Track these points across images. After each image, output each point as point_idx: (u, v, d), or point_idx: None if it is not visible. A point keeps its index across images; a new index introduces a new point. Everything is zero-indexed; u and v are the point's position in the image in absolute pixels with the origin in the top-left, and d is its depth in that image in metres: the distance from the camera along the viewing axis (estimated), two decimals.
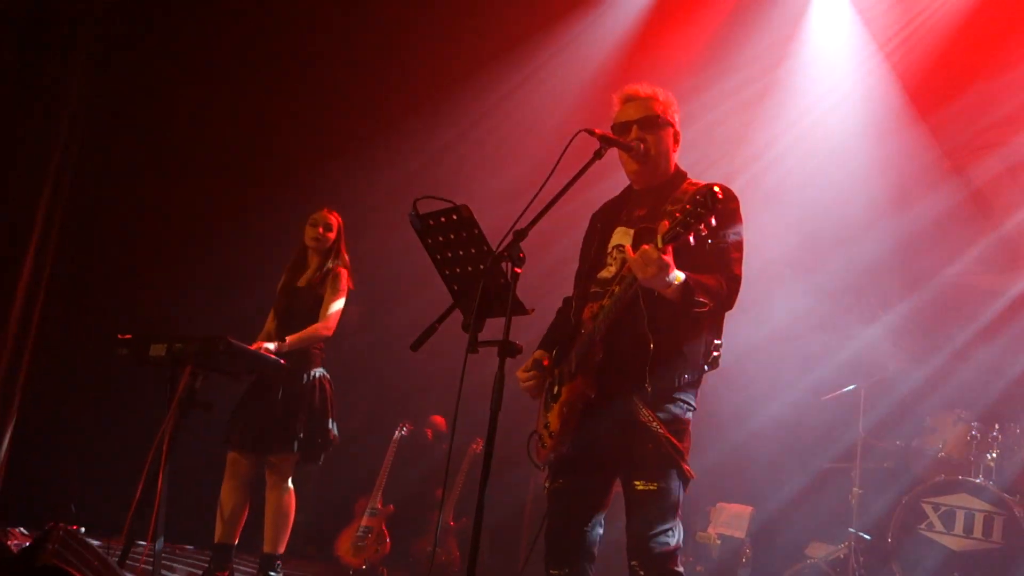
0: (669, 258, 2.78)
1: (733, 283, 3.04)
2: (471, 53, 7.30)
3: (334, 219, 5.29)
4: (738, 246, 3.10)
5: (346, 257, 5.31)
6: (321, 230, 5.24)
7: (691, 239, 2.73)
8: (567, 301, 3.43)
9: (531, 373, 3.25)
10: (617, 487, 3.14)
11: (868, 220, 6.62)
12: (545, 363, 3.25)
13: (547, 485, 3.21)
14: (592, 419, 3.03)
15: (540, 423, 3.21)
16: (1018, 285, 6.47)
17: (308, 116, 7.30)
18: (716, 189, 2.71)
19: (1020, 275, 6.53)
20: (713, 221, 2.72)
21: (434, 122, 7.33)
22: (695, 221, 2.69)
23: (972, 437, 5.71)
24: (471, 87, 7.33)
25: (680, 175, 3.29)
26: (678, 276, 2.83)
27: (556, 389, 3.16)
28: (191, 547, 6.36)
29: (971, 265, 6.75)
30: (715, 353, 3.11)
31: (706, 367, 3.11)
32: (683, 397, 3.05)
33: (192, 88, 6.99)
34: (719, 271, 3.01)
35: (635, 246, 3.05)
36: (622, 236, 3.22)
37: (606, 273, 3.19)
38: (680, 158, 3.36)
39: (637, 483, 2.98)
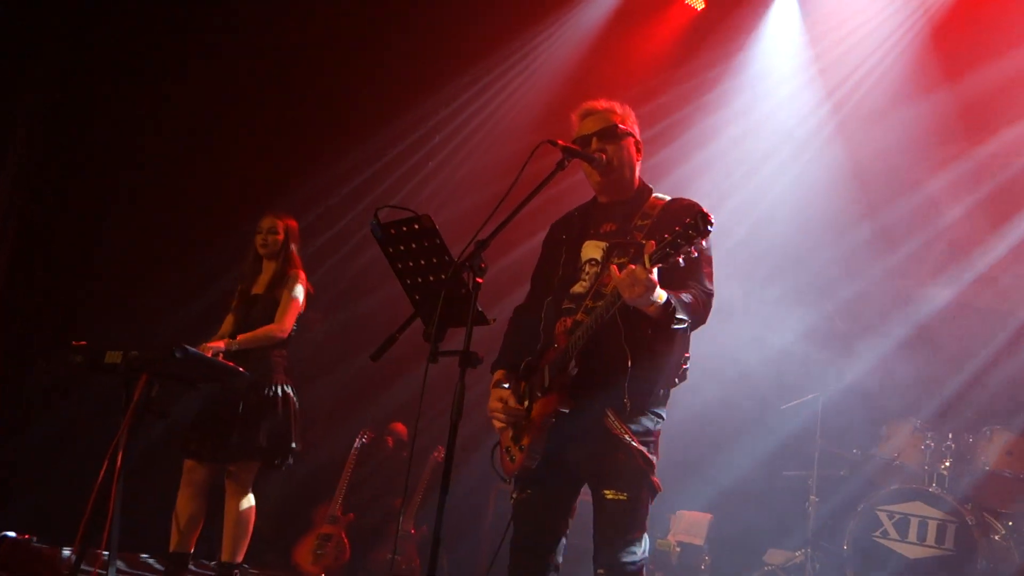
0: (655, 278, 2.79)
1: (707, 298, 3.07)
2: (436, 62, 7.31)
3: (280, 223, 5.23)
4: (708, 261, 3.13)
5: (297, 260, 5.25)
6: (267, 235, 5.20)
7: (680, 261, 2.75)
8: (519, 310, 3.43)
9: (503, 410, 3.17)
10: (584, 496, 3.16)
11: (823, 226, 6.73)
12: (505, 385, 3.23)
13: (514, 496, 3.20)
14: (562, 431, 3.03)
15: (507, 437, 3.19)
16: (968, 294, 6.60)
17: (271, 123, 7.24)
18: (707, 213, 2.72)
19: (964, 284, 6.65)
20: (704, 244, 2.76)
21: (398, 132, 7.33)
22: (685, 243, 2.71)
23: (927, 446, 5.81)
24: (434, 96, 7.35)
25: (645, 189, 3.31)
26: (661, 295, 2.84)
27: (526, 403, 3.14)
28: (146, 555, 6.26)
29: (921, 276, 6.88)
30: (685, 367, 3.16)
31: (677, 380, 3.16)
32: (655, 410, 3.08)
33: (154, 93, 6.90)
34: (692, 286, 3.03)
35: (606, 260, 3.08)
36: (593, 250, 3.21)
37: (579, 288, 3.17)
38: (644, 164, 3.38)
39: (607, 492, 3.00)
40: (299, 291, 5.13)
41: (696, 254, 2.77)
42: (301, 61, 7.19)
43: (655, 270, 2.78)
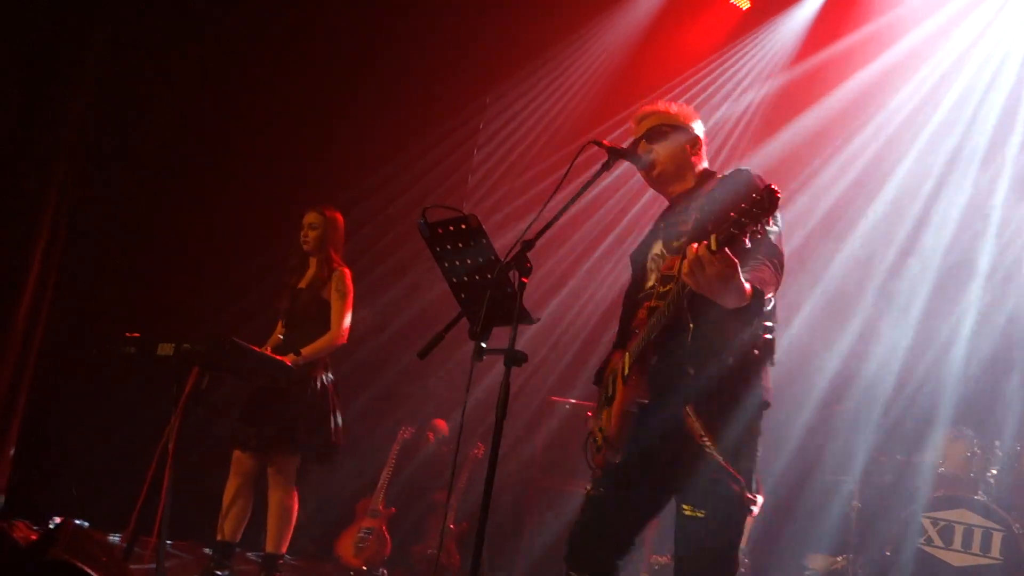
0: (727, 260, 2.50)
1: (779, 260, 2.86)
2: (483, 66, 7.37)
3: (320, 217, 5.28)
4: (779, 237, 2.91)
5: (339, 255, 5.29)
6: (307, 231, 5.27)
7: (747, 241, 2.49)
8: (627, 293, 3.28)
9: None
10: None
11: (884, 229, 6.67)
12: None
13: (588, 489, 3.06)
14: (645, 428, 2.86)
15: (594, 425, 3.07)
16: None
17: (321, 119, 7.34)
18: (774, 187, 2.48)
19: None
20: (771, 222, 2.55)
21: (447, 131, 7.39)
22: (750, 221, 2.46)
23: (972, 453, 5.73)
24: (483, 95, 7.41)
25: (707, 174, 3.22)
26: (746, 288, 2.61)
27: (610, 391, 3.02)
28: (195, 544, 6.40)
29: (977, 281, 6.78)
30: (766, 336, 2.84)
31: (756, 352, 2.84)
32: (735, 391, 2.80)
33: (201, 89, 7.03)
34: (761, 253, 2.78)
35: (667, 245, 3.02)
36: (660, 247, 3.15)
37: (652, 281, 3.08)
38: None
39: (685, 508, 2.79)
40: (347, 292, 5.20)
41: (762, 233, 2.51)
42: (355, 62, 7.29)
43: (729, 259, 2.50)
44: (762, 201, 2.46)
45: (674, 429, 2.83)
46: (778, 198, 2.47)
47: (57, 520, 5.45)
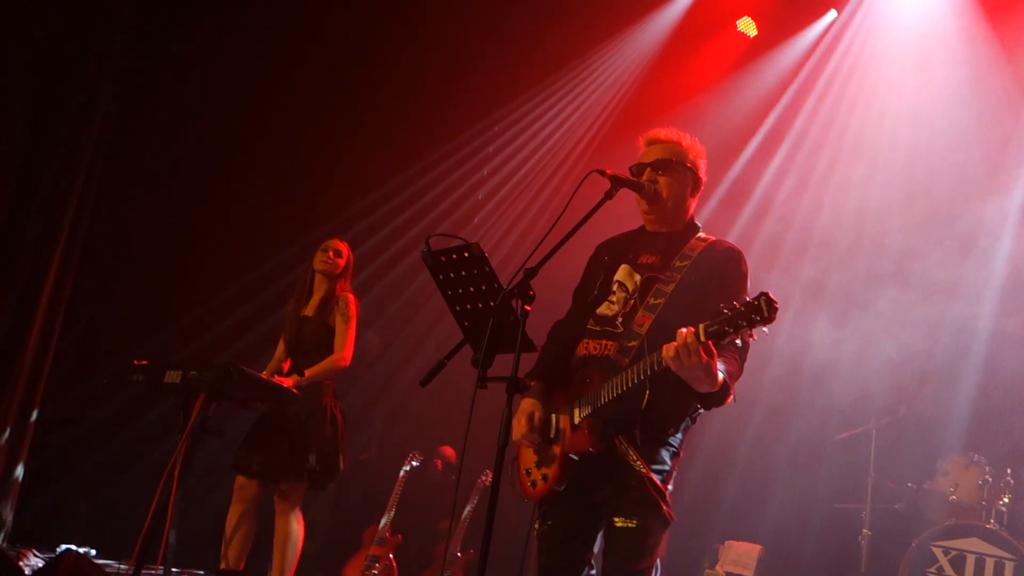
0: (711, 354, 2.72)
1: (744, 354, 3.01)
2: (489, 92, 7.42)
3: (344, 247, 5.35)
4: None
5: (344, 283, 5.33)
6: (332, 255, 5.30)
7: (738, 342, 2.74)
8: (558, 325, 3.40)
9: (531, 435, 3.14)
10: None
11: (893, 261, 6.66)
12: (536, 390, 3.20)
13: (537, 526, 3.19)
14: (588, 466, 3.02)
15: (528, 458, 3.19)
16: None
17: (330, 149, 7.41)
18: (773, 299, 2.62)
19: None
20: (766, 329, 2.66)
21: (452, 158, 7.44)
22: (747, 325, 2.64)
23: (984, 481, 5.67)
24: (486, 124, 7.47)
25: (692, 227, 3.28)
26: (717, 375, 2.80)
27: (553, 432, 3.12)
28: (201, 572, 6.38)
29: (990, 307, 6.73)
30: (699, 411, 3.11)
31: (690, 421, 3.12)
32: (670, 441, 3.06)
33: (214, 117, 7.10)
34: (736, 350, 2.96)
35: (641, 295, 3.08)
36: (626, 275, 3.21)
37: (605, 310, 3.17)
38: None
39: (617, 520, 2.97)
40: (352, 317, 5.22)
41: (751, 338, 2.72)
42: (365, 91, 7.36)
43: (711, 352, 2.71)
44: (760, 309, 2.62)
45: (610, 457, 3.00)
46: (776, 310, 2.62)
47: (63, 548, 5.45)
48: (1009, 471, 5.69)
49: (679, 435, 3.10)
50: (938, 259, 6.46)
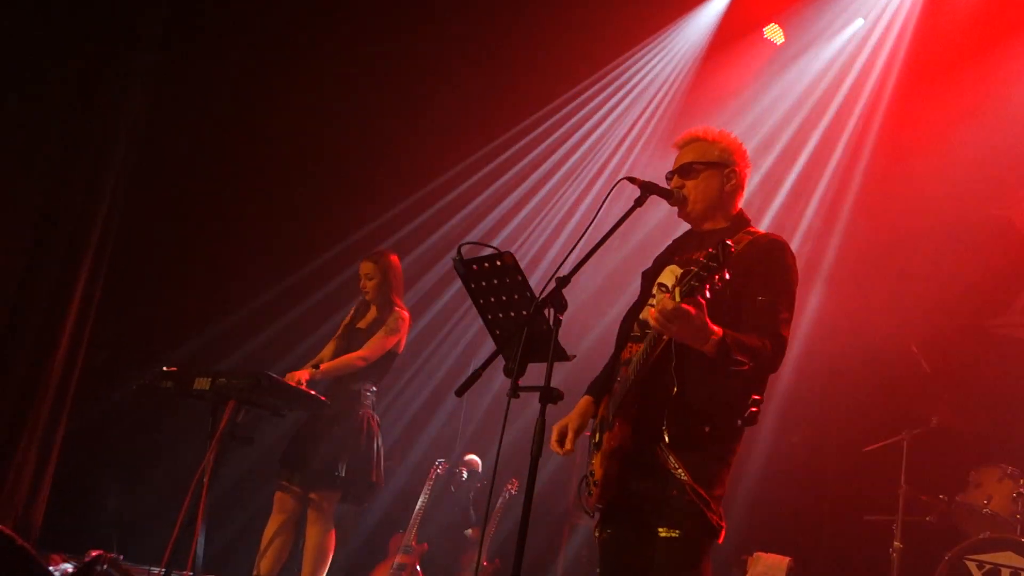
0: (692, 309, 2.69)
1: (778, 344, 2.94)
2: (519, 100, 7.42)
3: (372, 266, 5.33)
4: (789, 305, 3.02)
5: (397, 297, 5.34)
6: (365, 281, 5.32)
7: (707, 292, 2.68)
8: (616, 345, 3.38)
9: (566, 448, 3.19)
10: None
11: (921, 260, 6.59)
12: (587, 409, 3.22)
13: (596, 534, 3.19)
14: (629, 468, 3.01)
15: (587, 470, 3.18)
16: None
17: (361, 157, 7.42)
18: (728, 243, 2.64)
19: None
20: (727, 275, 2.64)
21: (487, 167, 7.46)
22: (707, 274, 2.63)
23: (1019, 494, 5.59)
24: (521, 129, 7.48)
25: (741, 221, 3.24)
26: (714, 332, 2.77)
27: (597, 437, 3.13)
28: None
29: (1018, 316, 6.65)
30: (752, 409, 3.00)
31: (740, 422, 3.00)
32: (714, 446, 2.97)
33: (243, 121, 7.14)
34: (765, 330, 2.93)
35: (674, 287, 2.98)
36: (668, 275, 3.17)
37: (646, 314, 3.13)
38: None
39: (660, 530, 2.92)
40: (395, 328, 5.22)
41: (720, 285, 2.67)
42: (393, 92, 7.37)
43: (691, 303, 2.69)
44: (716, 255, 2.62)
45: (651, 465, 2.96)
46: (731, 252, 2.63)
47: (93, 554, 5.48)
48: None
49: (725, 439, 3.00)
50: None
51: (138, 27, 6.44)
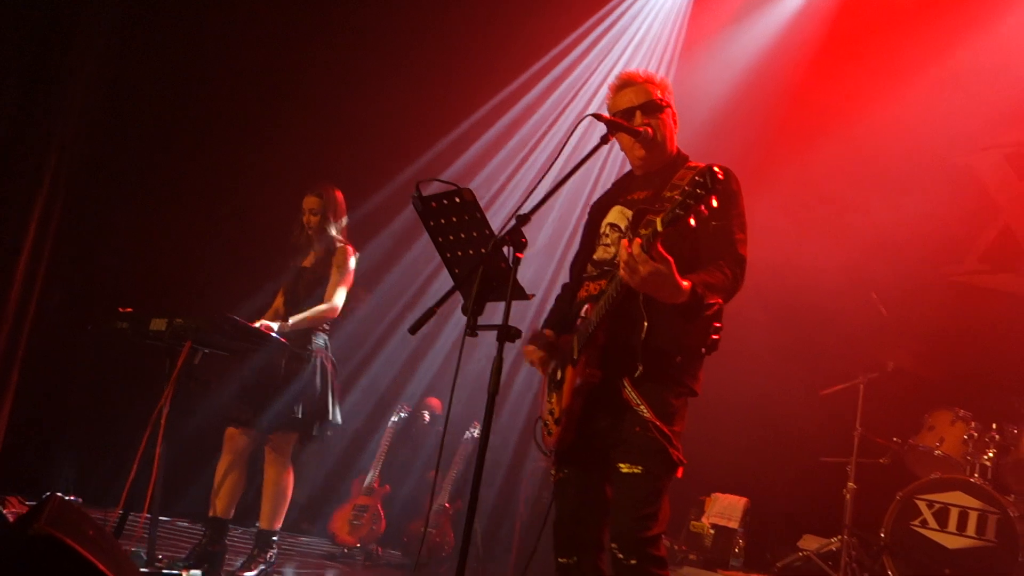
0: (659, 258, 2.64)
1: (739, 267, 2.94)
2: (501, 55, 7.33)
3: (316, 201, 5.23)
4: (742, 226, 3.02)
5: (342, 234, 5.26)
6: (308, 216, 5.24)
7: (692, 221, 2.59)
8: (565, 287, 3.39)
9: (537, 348, 3.15)
10: None
11: (870, 212, 6.61)
12: (549, 337, 3.17)
13: (553, 473, 3.17)
14: (592, 405, 2.98)
15: (544, 409, 3.16)
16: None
17: (315, 96, 7.28)
18: (716, 169, 2.58)
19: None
20: (714, 202, 2.57)
21: (445, 110, 7.35)
22: (695, 203, 2.56)
23: (969, 436, 5.71)
24: (486, 80, 7.38)
25: (681, 157, 3.22)
26: (684, 286, 2.72)
27: (559, 374, 3.09)
28: (186, 522, 6.39)
29: (975, 264, 6.74)
30: (714, 337, 2.99)
31: (704, 350, 3.00)
32: (676, 379, 2.97)
33: (210, 61, 6.97)
34: (723, 255, 2.92)
35: (633, 227, 2.96)
36: (617, 215, 3.15)
37: (602, 253, 3.14)
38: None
39: (622, 466, 2.91)
40: (347, 268, 5.15)
41: (707, 213, 2.59)
42: (348, 41, 7.23)
43: (662, 257, 2.63)
44: (704, 181, 2.55)
45: (613, 401, 2.95)
46: (719, 179, 2.56)
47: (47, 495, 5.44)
48: (995, 426, 5.71)
49: (690, 368, 2.99)
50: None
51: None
